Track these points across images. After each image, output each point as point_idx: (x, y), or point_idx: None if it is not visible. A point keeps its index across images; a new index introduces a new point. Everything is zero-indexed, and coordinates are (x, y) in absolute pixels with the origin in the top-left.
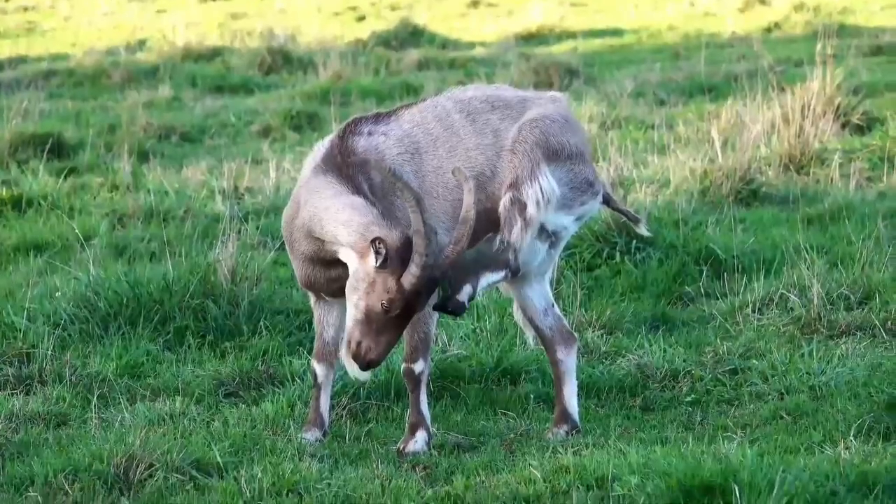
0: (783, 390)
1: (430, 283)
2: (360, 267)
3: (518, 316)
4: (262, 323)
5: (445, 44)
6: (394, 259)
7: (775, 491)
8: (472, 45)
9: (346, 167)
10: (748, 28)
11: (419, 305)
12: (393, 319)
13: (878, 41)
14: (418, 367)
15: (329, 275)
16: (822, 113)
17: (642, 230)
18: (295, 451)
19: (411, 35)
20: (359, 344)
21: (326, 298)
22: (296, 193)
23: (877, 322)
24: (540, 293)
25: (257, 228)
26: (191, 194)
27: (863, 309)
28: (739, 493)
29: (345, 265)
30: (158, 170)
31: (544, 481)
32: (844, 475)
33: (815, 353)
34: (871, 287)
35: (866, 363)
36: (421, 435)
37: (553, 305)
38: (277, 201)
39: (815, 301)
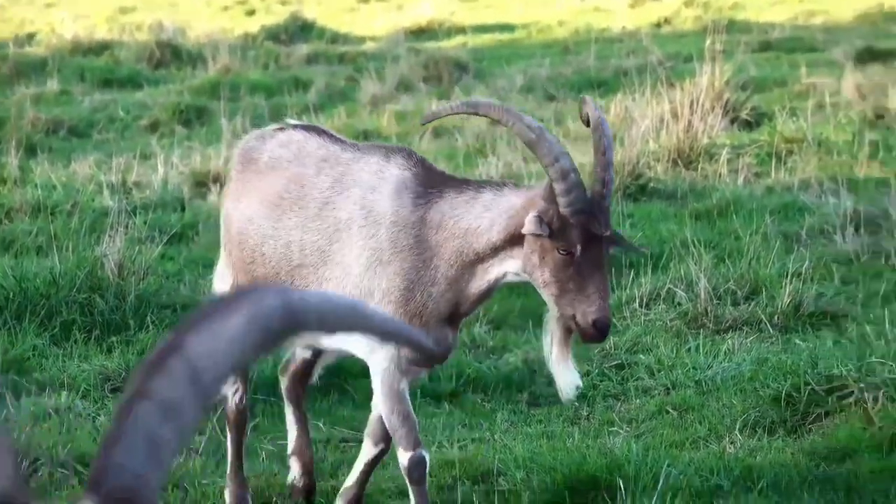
0: (669, 385)
1: (583, 195)
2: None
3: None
4: (149, 317)
5: (335, 38)
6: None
7: (660, 485)
8: (362, 40)
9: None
10: (638, 23)
11: (598, 226)
12: (586, 262)
13: (768, 37)
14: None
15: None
16: (710, 108)
17: None
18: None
19: (301, 29)
20: (574, 317)
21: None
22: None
23: (763, 317)
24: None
25: (145, 223)
26: (78, 188)
27: (749, 304)
28: (624, 488)
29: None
30: (46, 164)
31: (430, 476)
32: (729, 469)
33: (701, 348)
34: (758, 282)
35: (752, 358)
36: None
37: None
38: (165, 196)
39: (702, 296)
